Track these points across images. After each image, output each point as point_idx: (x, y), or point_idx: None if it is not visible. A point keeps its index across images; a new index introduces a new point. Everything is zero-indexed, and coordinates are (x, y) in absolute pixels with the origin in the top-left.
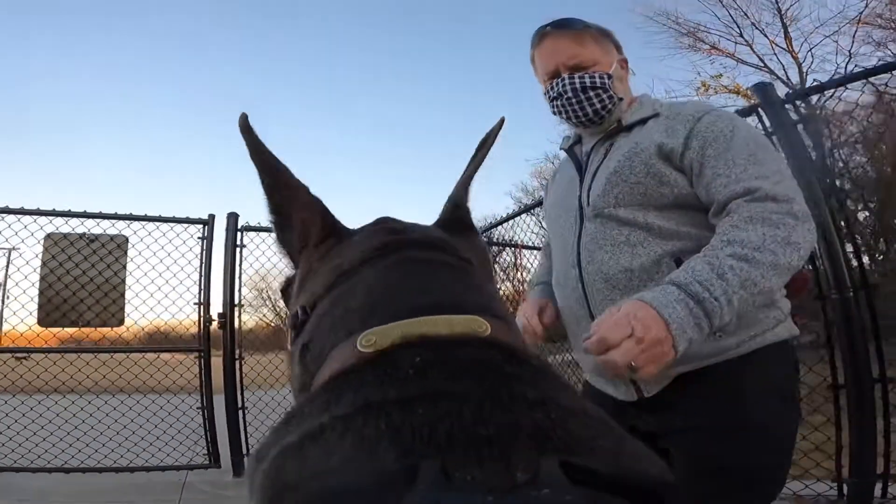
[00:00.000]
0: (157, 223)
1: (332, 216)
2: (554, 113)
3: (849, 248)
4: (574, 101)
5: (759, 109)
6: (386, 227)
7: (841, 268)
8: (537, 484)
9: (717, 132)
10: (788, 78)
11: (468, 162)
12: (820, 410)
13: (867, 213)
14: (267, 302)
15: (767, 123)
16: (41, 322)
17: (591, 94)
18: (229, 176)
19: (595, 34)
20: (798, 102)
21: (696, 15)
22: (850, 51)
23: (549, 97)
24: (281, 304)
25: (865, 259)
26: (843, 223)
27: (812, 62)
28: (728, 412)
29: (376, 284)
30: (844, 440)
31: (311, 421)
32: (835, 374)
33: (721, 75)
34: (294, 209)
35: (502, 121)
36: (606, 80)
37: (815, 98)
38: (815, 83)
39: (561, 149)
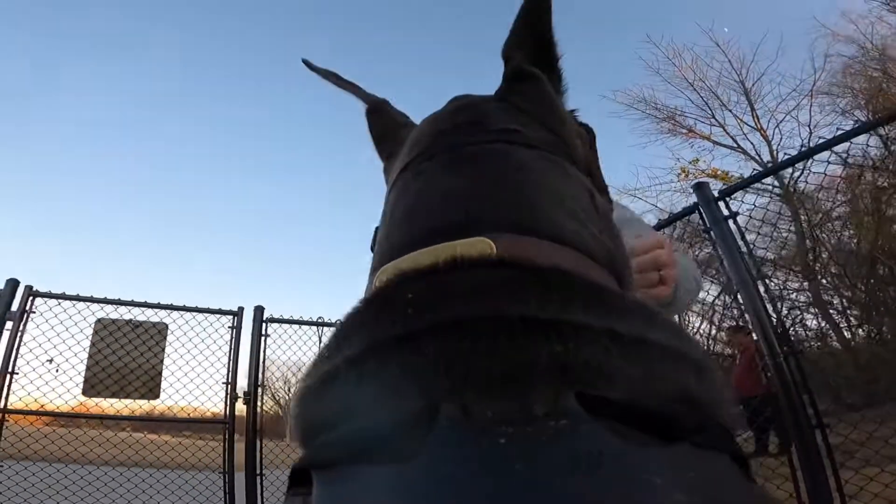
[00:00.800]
0: (194, 313)
1: (393, 121)
2: None
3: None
4: None
5: (699, 208)
6: (430, 123)
7: (770, 338)
8: (555, 416)
9: (617, 216)
10: (760, 156)
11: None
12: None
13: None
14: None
15: (707, 220)
16: (85, 392)
17: None
18: (257, 272)
19: None
20: (727, 199)
21: (672, 99)
22: (809, 124)
23: None
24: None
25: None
26: (769, 303)
27: (781, 139)
28: None
29: (397, 208)
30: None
31: (327, 363)
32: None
33: (698, 160)
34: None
35: None
36: None
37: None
38: (786, 157)
39: None
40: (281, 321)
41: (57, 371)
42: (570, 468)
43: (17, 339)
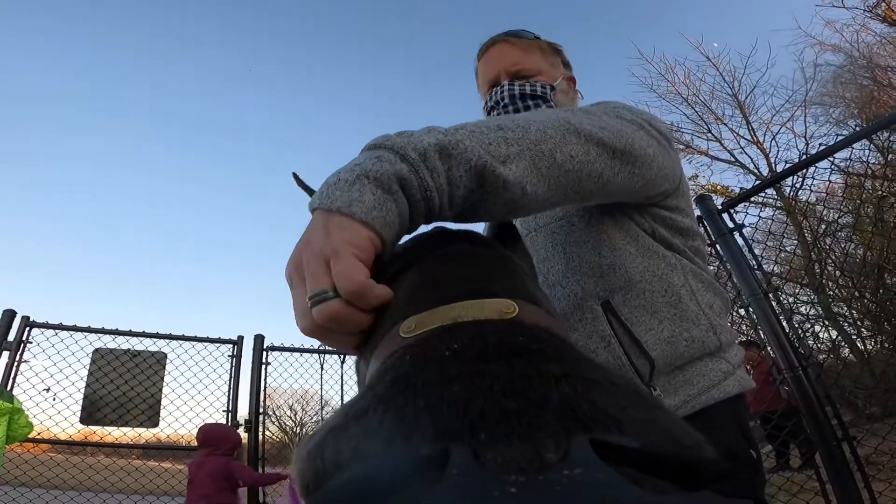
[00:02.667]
0: (193, 342)
1: None
2: None
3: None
4: (511, 108)
5: (703, 221)
6: (433, 233)
7: (787, 351)
8: (568, 463)
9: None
10: (758, 169)
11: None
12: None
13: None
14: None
15: (711, 233)
16: (83, 420)
17: (531, 102)
18: (257, 300)
19: (544, 46)
20: (732, 211)
21: (668, 115)
22: (805, 135)
23: (486, 108)
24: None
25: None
26: (781, 316)
27: (778, 151)
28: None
29: (416, 278)
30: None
31: (356, 403)
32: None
33: (697, 175)
34: None
35: None
36: (548, 91)
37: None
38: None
39: None
40: (282, 349)
41: (54, 399)
42: None
43: (14, 368)
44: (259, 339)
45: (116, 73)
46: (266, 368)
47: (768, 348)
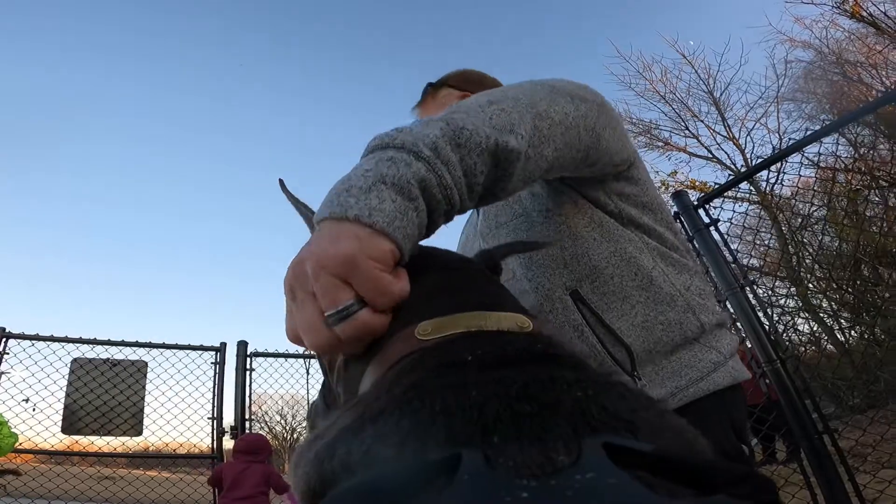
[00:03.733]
0: (175, 350)
1: None
2: None
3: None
4: None
5: (680, 217)
6: (426, 250)
7: (765, 344)
8: (580, 467)
9: None
10: (735, 165)
11: (511, 244)
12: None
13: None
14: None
15: (688, 228)
16: (64, 430)
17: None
18: (239, 305)
19: (431, 92)
20: (707, 205)
21: (646, 113)
22: (778, 131)
23: None
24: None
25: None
26: (758, 309)
27: (753, 146)
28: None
29: (429, 286)
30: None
31: (373, 404)
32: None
33: (676, 172)
34: None
35: (543, 244)
36: None
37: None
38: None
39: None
40: (266, 355)
41: (34, 410)
42: None
43: None
44: (242, 345)
45: (93, 74)
46: (251, 374)
47: (747, 342)
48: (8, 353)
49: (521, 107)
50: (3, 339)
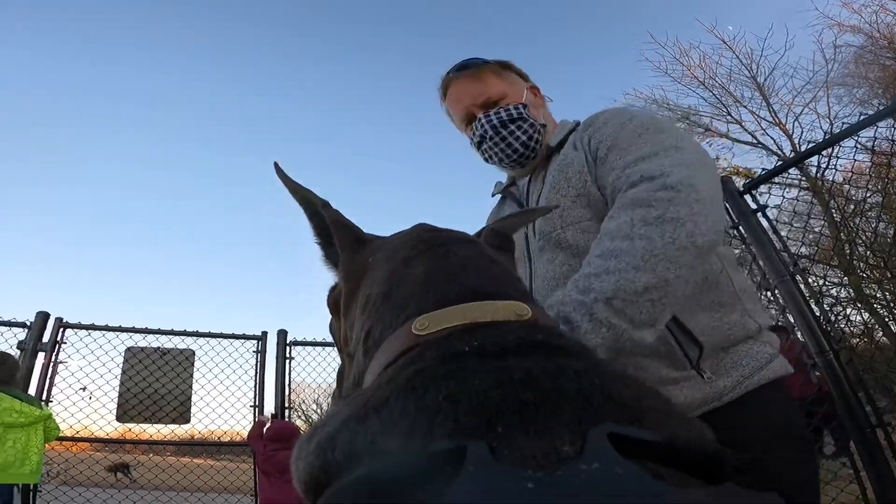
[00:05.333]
0: (219, 339)
1: (357, 229)
2: (486, 160)
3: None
4: (498, 139)
5: (724, 203)
6: (425, 229)
7: (816, 334)
8: (586, 457)
9: (610, 129)
10: (781, 150)
11: (517, 213)
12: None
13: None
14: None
15: (733, 214)
16: (119, 418)
17: (513, 126)
18: (280, 296)
19: (494, 68)
20: (754, 191)
21: (684, 98)
22: (829, 116)
23: (475, 144)
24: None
25: None
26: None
27: (802, 132)
28: None
29: (424, 274)
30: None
31: (375, 394)
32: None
33: (718, 158)
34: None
35: (553, 208)
36: (522, 110)
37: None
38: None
39: (494, 195)
40: (304, 343)
41: (90, 398)
42: None
43: (51, 369)
44: (282, 334)
45: (149, 63)
46: (290, 363)
47: (797, 332)
48: (65, 343)
49: (669, 299)
50: (61, 329)
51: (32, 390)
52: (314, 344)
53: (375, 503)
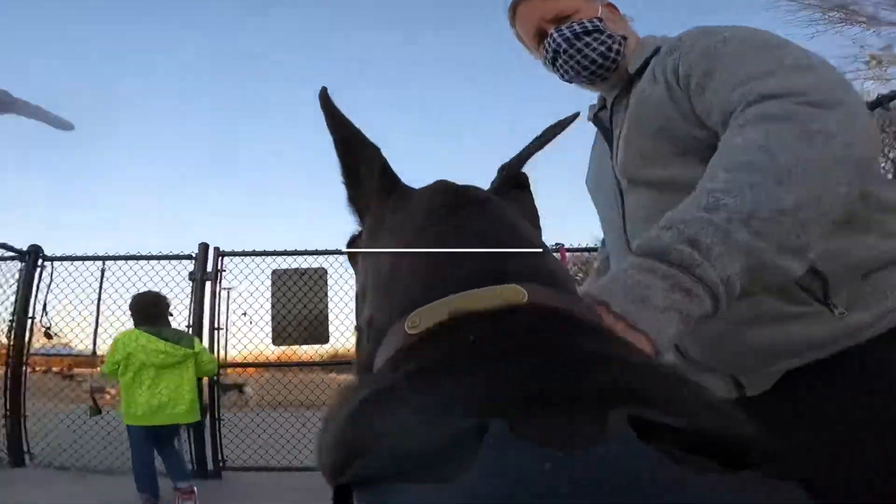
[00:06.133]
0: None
1: (393, 174)
2: (561, 76)
3: None
4: (573, 51)
5: None
6: (440, 190)
7: None
8: (605, 439)
9: (700, 52)
10: None
11: (532, 141)
12: None
13: None
14: None
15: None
16: (275, 342)
17: (588, 38)
18: None
19: None
20: None
21: None
22: None
23: (548, 61)
24: None
25: None
26: None
27: None
28: (867, 415)
29: (425, 256)
30: None
31: (388, 379)
32: None
33: (890, 45)
34: (362, 167)
35: (576, 115)
36: (598, 23)
37: None
38: None
39: (588, 120)
40: None
41: (251, 323)
42: (621, 497)
43: (218, 296)
44: None
45: None
46: None
47: None
48: (225, 270)
49: (821, 221)
50: (220, 258)
51: (205, 320)
52: None
53: (398, 477)
